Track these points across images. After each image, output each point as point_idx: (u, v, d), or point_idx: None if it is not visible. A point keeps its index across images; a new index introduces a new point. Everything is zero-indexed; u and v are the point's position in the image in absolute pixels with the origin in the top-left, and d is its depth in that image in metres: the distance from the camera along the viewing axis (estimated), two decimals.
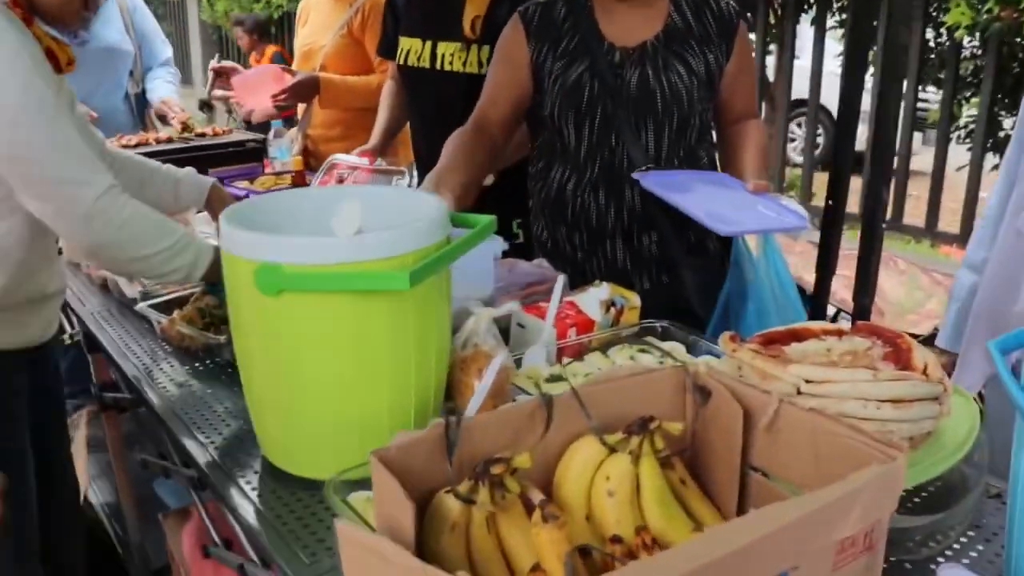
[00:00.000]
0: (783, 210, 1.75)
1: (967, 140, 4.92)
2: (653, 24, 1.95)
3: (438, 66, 2.60)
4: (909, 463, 1.10)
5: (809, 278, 2.57)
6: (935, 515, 1.05)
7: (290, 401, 1.23)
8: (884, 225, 2.35)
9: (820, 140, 8.18)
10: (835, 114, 3.81)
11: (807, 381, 1.11)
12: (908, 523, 1.03)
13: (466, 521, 0.92)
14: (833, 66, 6.34)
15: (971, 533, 1.12)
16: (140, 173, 1.94)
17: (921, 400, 1.09)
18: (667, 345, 1.59)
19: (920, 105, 5.64)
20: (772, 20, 6.45)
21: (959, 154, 5.05)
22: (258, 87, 3.29)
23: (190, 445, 1.44)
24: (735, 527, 0.74)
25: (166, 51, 3.74)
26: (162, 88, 3.59)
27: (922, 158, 5.20)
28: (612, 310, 1.65)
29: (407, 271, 1.06)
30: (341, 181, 2.72)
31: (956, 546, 1.08)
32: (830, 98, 5.71)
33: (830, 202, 2.29)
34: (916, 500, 1.18)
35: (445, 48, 2.58)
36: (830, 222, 2.35)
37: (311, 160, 3.18)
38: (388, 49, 2.83)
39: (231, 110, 3.53)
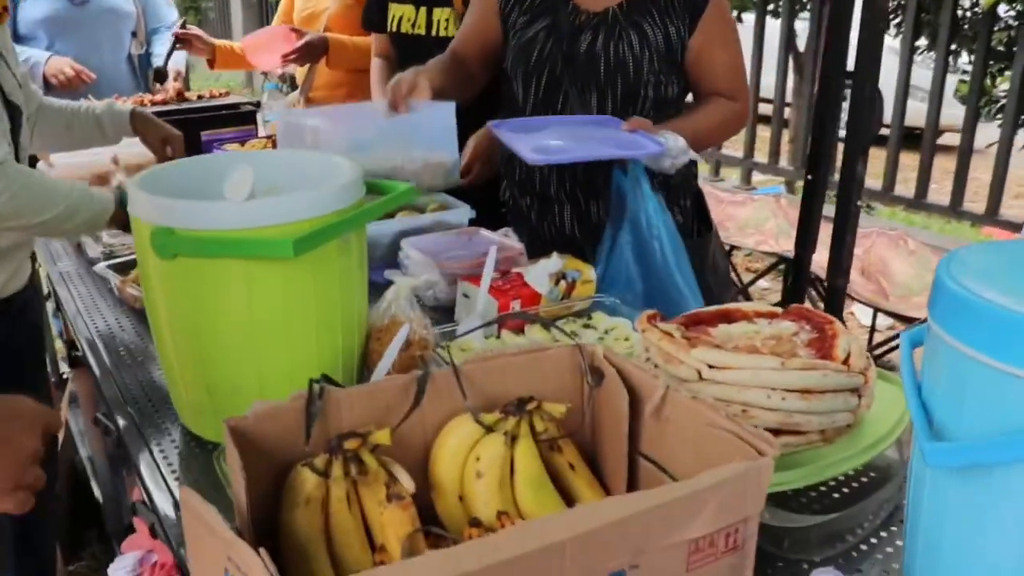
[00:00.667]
0: (649, 142, 1.68)
1: (999, 116, 4.72)
2: None
3: (434, 32, 2.54)
4: (817, 459, 1.05)
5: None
6: (831, 514, 0.99)
7: (194, 364, 1.20)
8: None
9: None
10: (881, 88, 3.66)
11: (710, 367, 1.04)
12: (802, 522, 0.97)
13: (323, 495, 0.88)
14: (890, 41, 6.09)
15: (889, 531, 1.05)
16: (64, 117, 1.99)
17: (834, 392, 1.03)
18: (613, 321, 1.54)
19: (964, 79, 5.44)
20: None
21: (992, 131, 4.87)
22: (268, 46, 3.25)
23: (116, 409, 1.42)
24: (556, 520, 0.69)
25: (172, 14, 3.72)
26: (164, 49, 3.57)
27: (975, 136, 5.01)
28: (563, 283, 1.59)
29: (291, 239, 1.02)
30: None
31: (864, 547, 1.02)
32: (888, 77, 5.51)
33: (809, 176, 2.19)
34: (835, 496, 1.11)
35: (440, 14, 2.52)
36: (809, 195, 2.25)
37: None
38: (377, 21, 2.68)
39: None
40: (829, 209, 2.33)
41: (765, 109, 6.02)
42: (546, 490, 0.94)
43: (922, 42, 5.51)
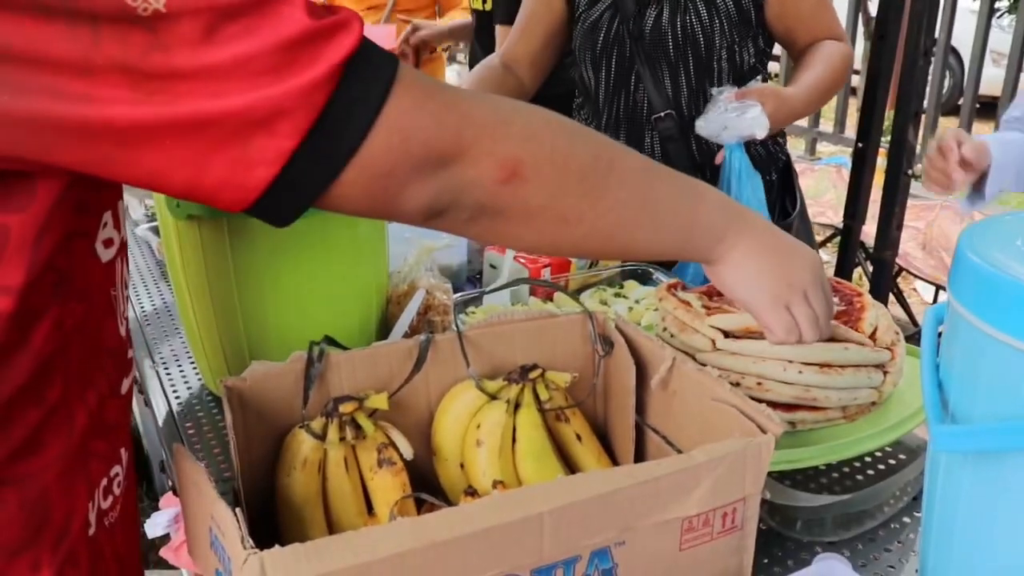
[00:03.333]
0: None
1: None
2: None
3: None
4: (836, 436, 1.01)
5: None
6: (844, 495, 0.95)
7: (208, 326, 1.20)
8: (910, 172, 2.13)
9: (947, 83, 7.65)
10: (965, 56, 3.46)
11: (725, 335, 1.01)
12: (813, 502, 0.93)
13: (320, 458, 0.87)
14: (969, 2, 5.81)
15: (912, 516, 1.01)
16: None
17: (856, 367, 0.98)
18: (645, 290, 1.50)
19: None
20: None
21: None
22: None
23: (146, 370, 1.44)
24: (535, 492, 0.67)
25: None
26: None
27: None
28: None
29: None
30: None
31: (882, 532, 0.98)
32: (965, 38, 5.27)
33: (859, 144, 2.10)
34: (859, 477, 1.07)
35: None
36: (859, 164, 2.16)
37: None
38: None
39: None
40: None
41: None
42: (548, 460, 0.92)
43: (1002, 3, 5.26)
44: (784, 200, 1.96)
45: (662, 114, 1.81)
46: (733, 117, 1.61)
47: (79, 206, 0.71)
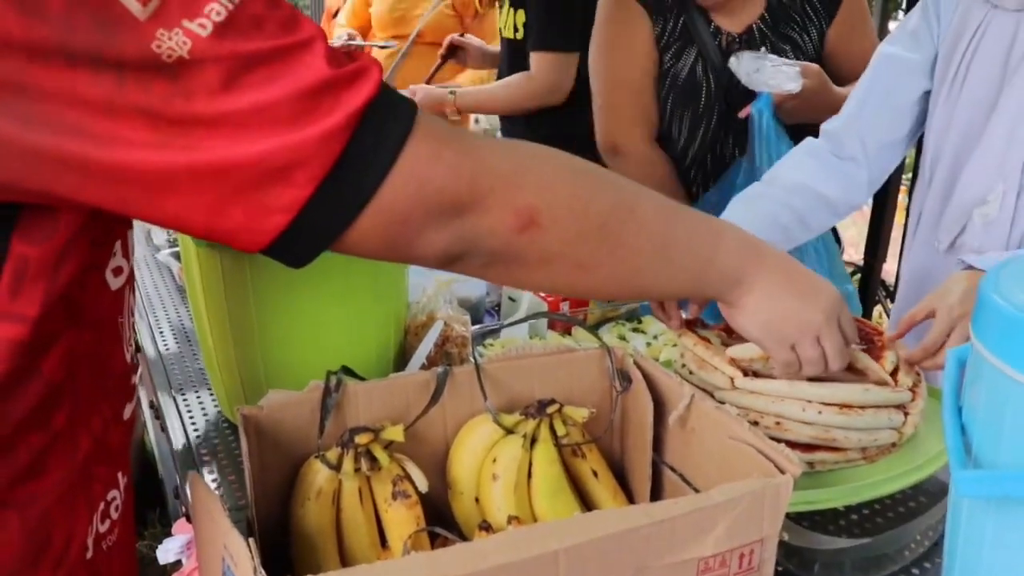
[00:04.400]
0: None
1: None
2: (756, 5, 1.78)
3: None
4: (856, 478, 1.00)
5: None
6: (864, 538, 0.93)
7: (227, 354, 1.21)
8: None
9: None
10: None
11: (745, 373, 1.00)
12: (831, 544, 0.92)
13: (335, 489, 0.87)
14: None
15: (934, 561, 0.99)
16: None
17: (876, 407, 0.97)
18: (663, 326, 1.49)
19: None
20: None
21: None
22: None
23: (163, 394, 1.44)
24: (551, 529, 0.66)
25: None
26: None
27: None
28: None
29: None
30: None
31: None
32: None
33: None
34: (879, 520, 1.06)
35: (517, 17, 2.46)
36: (880, 200, 2.14)
37: None
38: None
39: None
40: None
41: None
42: (564, 496, 0.91)
43: None
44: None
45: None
46: (768, 65, 1.58)
47: (94, 238, 0.72)
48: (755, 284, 0.89)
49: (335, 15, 3.51)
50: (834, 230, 1.91)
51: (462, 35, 2.78)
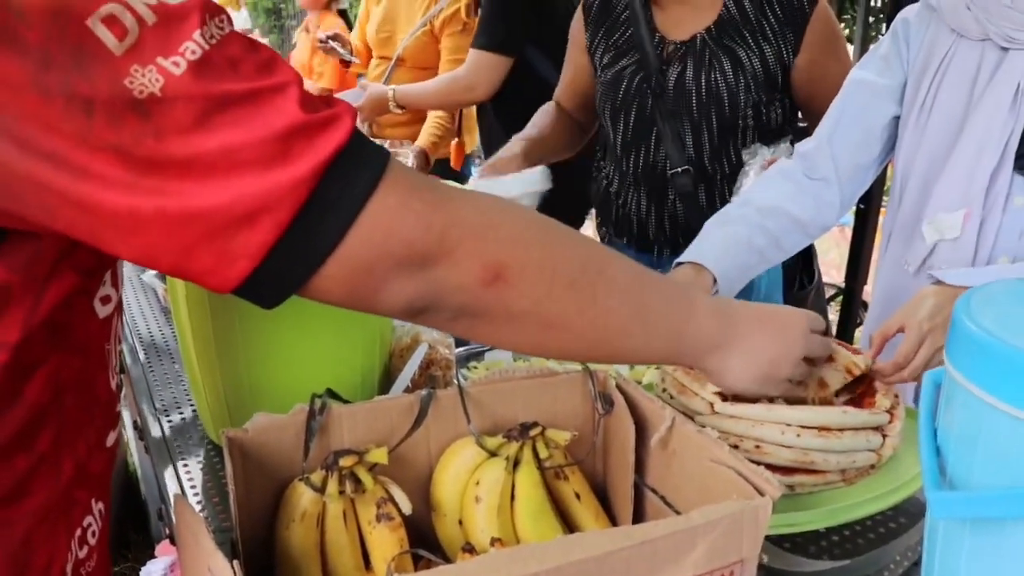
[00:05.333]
0: None
1: None
2: (706, 15, 1.80)
3: None
4: (835, 500, 1.01)
5: None
6: (842, 560, 0.94)
7: (213, 377, 1.21)
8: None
9: None
10: None
11: (723, 399, 1.01)
12: (809, 567, 0.93)
13: (320, 511, 0.88)
14: None
15: None
16: None
17: (854, 430, 0.99)
18: None
19: None
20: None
21: None
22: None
23: (148, 416, 1.44)
24: (529, 552, 0.67)
25: (246, 23, 3.79)
26: None
27: None
28: None
29: None
30: None
31: None
32: None
33: (861, 205, 2.11)
34: (860, 541, 1.07)
35: None
36: (861, 223, 2.16)
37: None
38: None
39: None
40: None
41: None
42: (546, 519, 0.92)
43: None
44: (801, 274, 1.95)
45: (679, 170, 1.81)
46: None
47: (80, 267, 0.72)
48: (733, 346, 0.90)
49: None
50: (812, 268, 1.94)
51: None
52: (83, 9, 0.58)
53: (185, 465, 1.28)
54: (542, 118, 2.06)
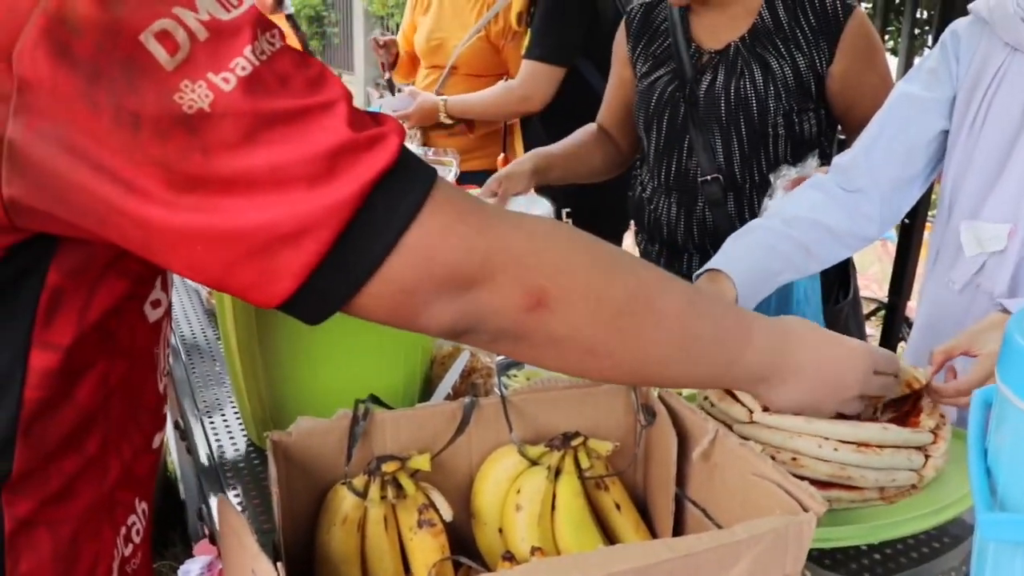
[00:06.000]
0: None
1: None
2: (741, 24, 1.80)
3: None
4: (874, 518, 1.00)
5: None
6: None
7: (256, 379, 1.22)
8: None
9: None
10: None
11: (763, 408, 1.00)
12: None
13: (361, 516, 0.88)
14: None
15: None
16: None
17: (895, 447, 0.97)
18: None
19: None
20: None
21: None
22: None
23: (189, 416, 1.46)
24: (573, 562, 0.67)
25: None
26: None
27: None
28: None
29: None
30: None
31: None
32: None
33: (906, 220, 2.07)
34: (902, 559, 1.05)
35: None
36: (906, 237, 2.14)
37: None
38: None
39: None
40: None
41: None
42: (587, 529, 0.92)
43: None
44: (837, 287, 1.92)
45: (708, 177, 1.81)
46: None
47: (130, 273, 0.73)
48: (781, 379, 0.90)
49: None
50: (848, 282, 1.91)
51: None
52: (136, 24, 0.58)
53: (225, 466, 1.29)
54: (578, 136, 2.10)
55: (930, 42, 5.81)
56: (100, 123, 0.59)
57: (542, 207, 2.03)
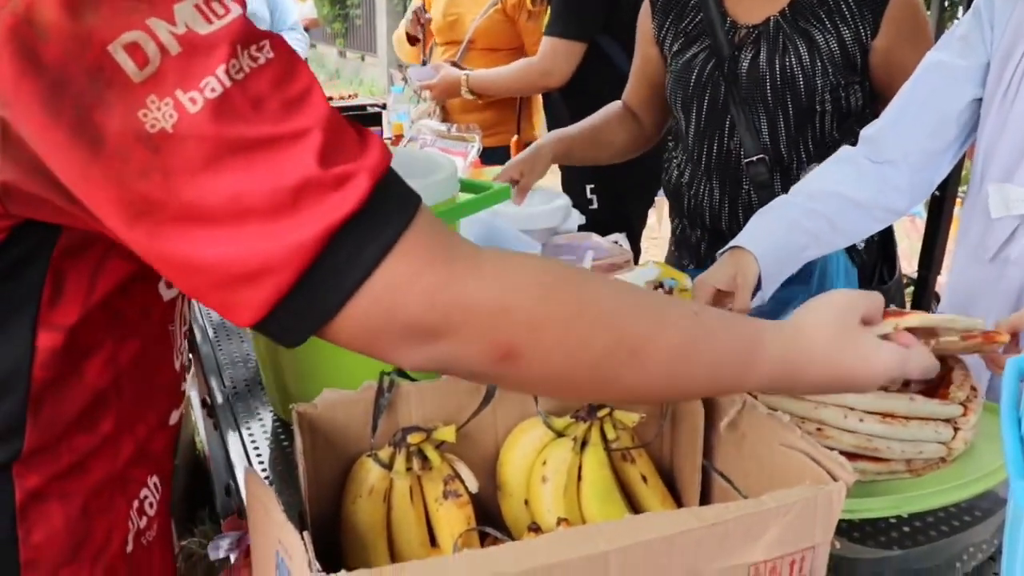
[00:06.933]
0: None
1: None
2: None
3: None
4: (901, 490, 0.99)
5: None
6: (897, 550, 0.92)
7: (280, 352, 1.23)
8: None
9: None
10: None
11: None
12: (871, 554, 0.91)
13: (386, 487, 0.89)
14: None
15: None
16: None
17: (922, 419, 0.96)
18: None
19: None
20: None
21: None
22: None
23: (216, 392, 1.47)
24: (602, 530, 0.67)
25: (293, 15, 3.87)
26: None
27: None
28: (660, 291, 1.56)
29: None
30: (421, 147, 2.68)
31: None
32: None
33: (936, 193, 2.04)
34: (932, 532, 1.04)
35: None
36: (936, 212, 2.10)
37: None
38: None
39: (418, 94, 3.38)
40: None
41: None
42: (613, 500, 0.92)
43: None
44: (882, 266, 1.87)
45: (754, 158, 1.75)
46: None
47: (135, 254, 0.73)
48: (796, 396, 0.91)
49: None
50: (893, 261, 1.87)
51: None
52: (106, 34, 0.56)
53: (253, 442, 1.30)
54: (600, 116, 2.06)
55: (960, 13, 5.71)
56: (58, 134, 0.57)
57: (560, 201, 2.01)
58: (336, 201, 0.60)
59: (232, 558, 1.43)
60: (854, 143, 1.63)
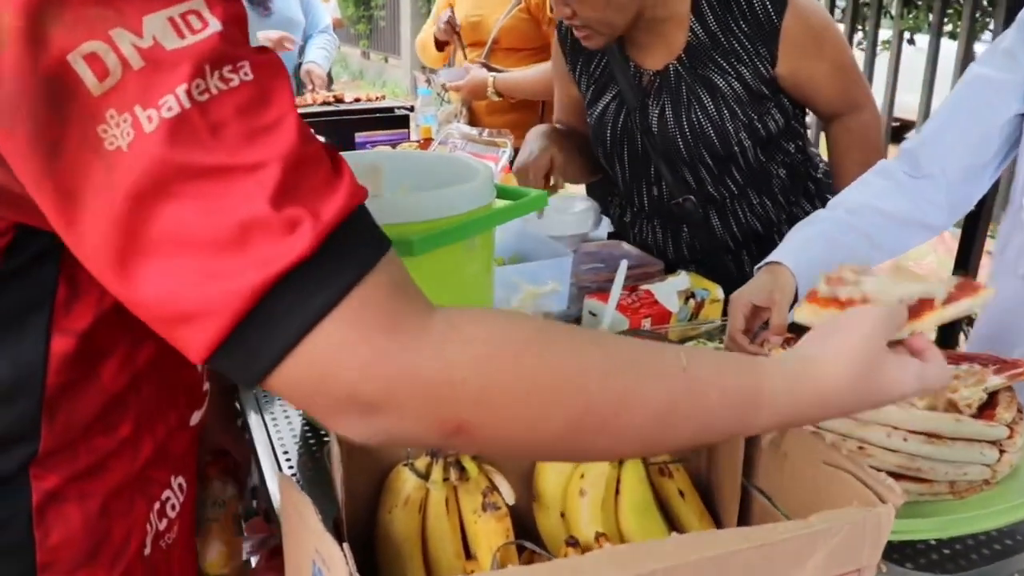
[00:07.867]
0: None
1: None
2: (673, 41, 1.70)
3: None
4: (950, 512, 0.97)
5: None
6: (940, 574, 0.90)
7: None
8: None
9: None
10: None
11: None
12: None
13: (423, 498, 0.88)
14: None
15: None
16: None
17: (967, 440, 0.94)
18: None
19: None
20: None
21: None
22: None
23: (244, 394, 1.47)
24: (646, 549, 0.65)
25: (326, 18, 3.89)
26: (313, 53, 3.76)
27: None
28: (691, 302, 1.54)
29: (412, 238, 1.01)
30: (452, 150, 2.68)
31: None
32: None
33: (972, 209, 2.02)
34: (973, 556, 1.02)
35: None
36: (971, 227, 2.08)
37: None
38: None
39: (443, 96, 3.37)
40: None
41: None
42: (651, 515, 0.90)
43: None
44: None
45: (680, 200, 1.77)
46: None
47: None
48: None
49: None
50: None
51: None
52: (65, 43, 0.53)
53: (281, 442, 1.30)
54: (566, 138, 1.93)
55: (991, 25, 5.66)
56: (18, 142, 0.55)
57: (581, 205, 1.97)
58: (283, 248, 0.55)
59: (254, 561, 1.43)
60: (784, 160, 1.62)
